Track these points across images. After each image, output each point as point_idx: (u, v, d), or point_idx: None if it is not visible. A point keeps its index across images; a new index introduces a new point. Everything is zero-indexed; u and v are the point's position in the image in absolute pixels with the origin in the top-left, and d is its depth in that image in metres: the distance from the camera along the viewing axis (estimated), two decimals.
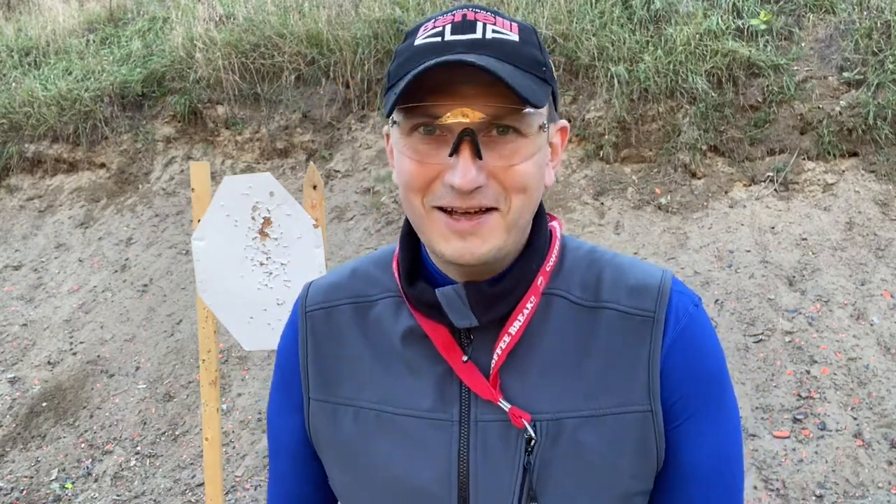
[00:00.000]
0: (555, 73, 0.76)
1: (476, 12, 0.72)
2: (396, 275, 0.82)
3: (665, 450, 0.78)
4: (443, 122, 0.68)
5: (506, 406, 0.75)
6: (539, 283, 0.78)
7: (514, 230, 0.73)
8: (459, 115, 0.68)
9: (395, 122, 0.73)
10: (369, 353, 0.83)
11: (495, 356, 0.77)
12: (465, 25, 0.70)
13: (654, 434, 0.76)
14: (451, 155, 0.69)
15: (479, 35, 0.69)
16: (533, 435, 0.75)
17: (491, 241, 0.72)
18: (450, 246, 0.72)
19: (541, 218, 0.81)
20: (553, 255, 0.80)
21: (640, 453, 0.76)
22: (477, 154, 0.68)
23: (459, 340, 0.78)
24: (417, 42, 0.72)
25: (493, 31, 0.70)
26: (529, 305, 0.77)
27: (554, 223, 0.84)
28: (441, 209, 0.72)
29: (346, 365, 0.84)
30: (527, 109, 0.68)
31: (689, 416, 0.78)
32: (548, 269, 0.79)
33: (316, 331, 0.86)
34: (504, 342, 0.76)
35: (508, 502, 0.76)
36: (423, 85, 0.67)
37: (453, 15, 0.72)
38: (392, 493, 0.80)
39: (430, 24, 0.73)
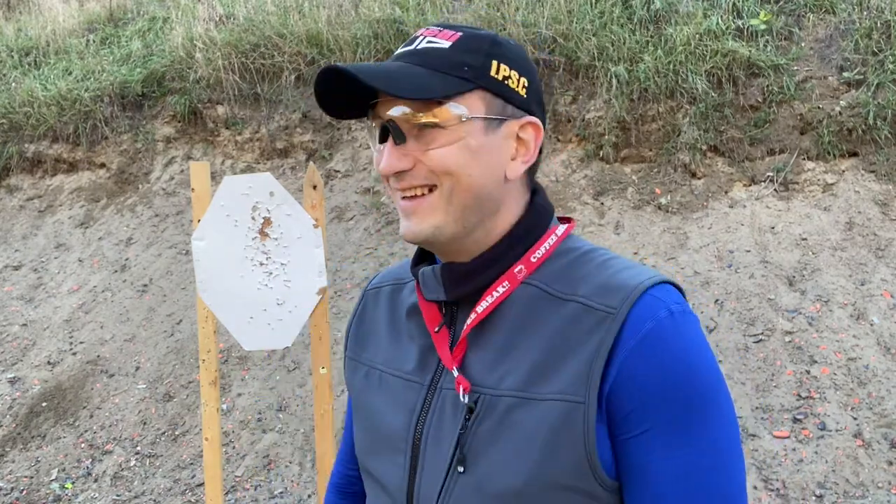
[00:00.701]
0: (510, 73, 0.84)
1: (429, 29, 0.84)
2: None
3: (624, 463, 0.77)
4: (374, 117, 0.84)
5: (455, 374, 0.83)
6: (517, 270, 0.84)
7: (451, 209, 0.81)
8: (383, 111, 0.82)
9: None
10: (387, 323, 0.97)
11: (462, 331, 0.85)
12: (411, 40, 0.84)
13: (583, 427, 0.75)
14: (379, 142, 0.84)
15: (412, 46, 0.83)
16: (467, 403, 0.81)
17: (428, 220, 0.82)
18: (402, 226, 0.84)
19: (533, 210, 0.87)
20: (543, 249, 0.85)
21: (568, 444, 0.75)
22: (395, 140, 0.81)
23: (444, 316, 0.88)
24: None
25: (427, 42, 0.82)
26: (501, 289, 0.83)
27: (562, 224, 0.90)
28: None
29: (373, 334, 0.99)
30: (449, 105, 0.79)
31: (649, 429, 0.75)
32: (533, 259, 0.85)
33: (366, 306, 1.04)
34: (470, 318, 0.84)
35: (444, 462, 0.83)
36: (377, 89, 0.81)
37: (419, 31, 0.86)
38: (375, 441, 0.92)
39: None
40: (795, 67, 4.57)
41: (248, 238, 2.17)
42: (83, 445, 4.09)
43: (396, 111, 0.80)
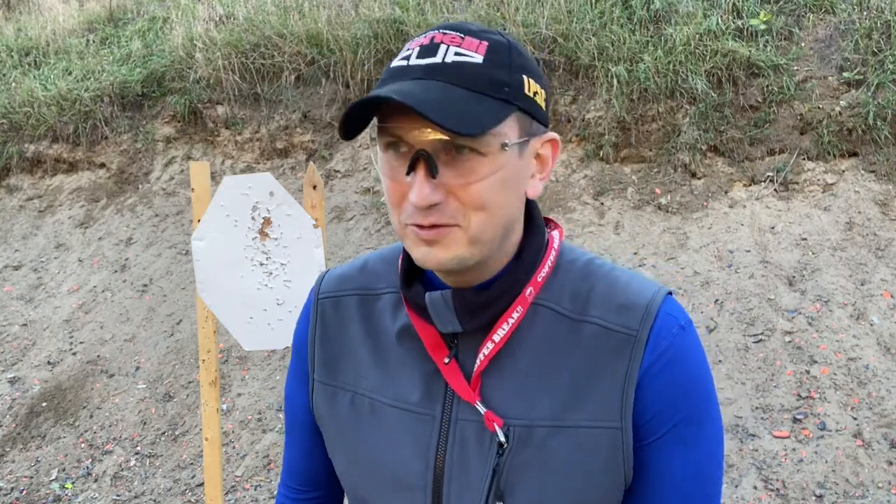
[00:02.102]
0: (537, 87, 0.78)
1: (445, 34, 0.74)
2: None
3: (636, 466, 0.80)
4: (402, 139, 0.73)
5: (482, 409, 0.79)
6: (528, 293, 0.80)
7: (478, 244, 0.75)
8: (414, 136, 0.72)
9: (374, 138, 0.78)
10: (370, 343, 0.89)
11: (478, 360, 0.80)
12: (430, 49, 0.73)
13: (622, 452, 0.78)
14: (407, 174, 0.73)
15: (438, 59, 0.72)
16: (503, 440, 0.78)
17: (453, 251, 0.75)
18: (419, 251, 0.76)
19: (534, 227, 0.83)
20: (546, 266, 0.82)
21: (607, 469, 0.78)
22: (431, 173, 0.72)
23: (447, 341, 0.82)
24: (393, 63, 0.76)
25: (455, 54, 0.72)
26: (515, 315, 0.80)
27: (554, 232, 0.86)
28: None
29: (347, 353, 0.90)
30: (491, 134, 0.71)
31: (664, 434, 0.79)
32: (539, 279, 0.81)
33: (325, 318, 0.93)
34: (487, 348, 0.80)
35: (478, 498, 0.80)
36: (390, 105, 0.72)
37: (425, 37, 0.75)
38: (377, 476, 0.86)
39: (407, 46, 0.77)
40: (795, 67, 4.57)
41: (248, 238, 2.17)
42: (83, 445, 4.09)
43: (431, 139, 0.71)
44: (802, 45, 4.66)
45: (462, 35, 0.74)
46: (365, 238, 4.93)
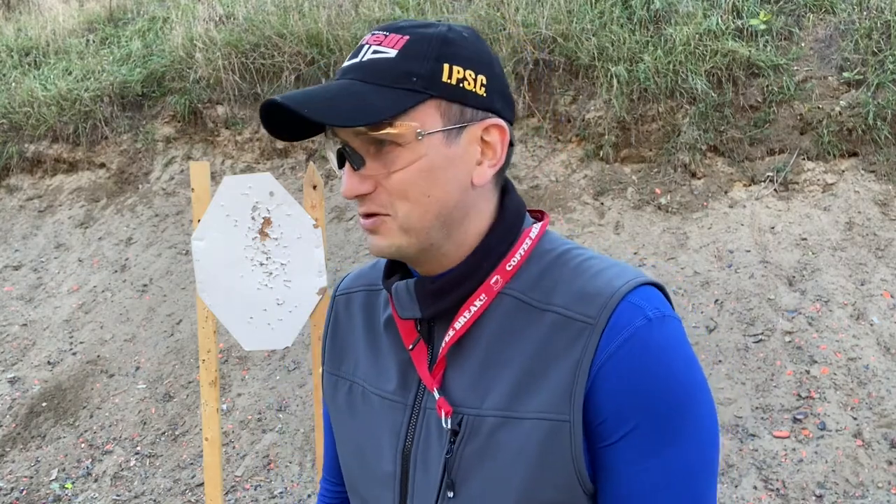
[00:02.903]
0: (466, 74, 0.78)
1: (374, 34, 0.79)
2: None
3: (599, 472, 0.75)
4: (333, 135, 0.80)
5: (436, 395, 0.79)
6: (494, 281, 0.79)
7: (410, 232, 0.77)
8: (341, 134, 0.78)
9: None
10: (367, 335, 0.92)
11: (441, 347, 0.81)
12: (356, 51, 0.79)
13: (570, 448, 0.73)
14: (340, 167, 0.81)
15: (358, 59, 0.77)
16: (448, 427, 0.78)
17: (389, 239, 0.78)
18: (367, 241, 0.81)
19: (504, 216, 0.82)
20: (518, 255, 0.80)
21: (555, 465, 0.73)
22: (353, 166, 0.77)
23: (418, 329, 0.84)
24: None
25: (372, 52, 0.76)
26: (478, 303, 0.79)
27: (535, 225, 0.84)
28: None
29: (351, 344, 0.94)
30: (399, 124, 0.74)
31: (624, 436, 0.73)
32: (508, 267, 0.80)
33: (338, 314, 0.99)
34: (448, 335, 0.80)
35: (434, 488, 0.80)
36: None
37: (363, 39, 0.81)
38: (359, 461, 0.89)
39: None
40: (795, 67, 4.57)
41: (248, 238, 2.17)
42: (83, 445, 4.09)
43: (350, 133, 0.76)
44: (802, 45, 4.66)
45: (387, 33, 0.78)
46: (365, 238, 4.92)
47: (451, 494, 0.78)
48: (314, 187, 2.17)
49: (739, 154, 4.55)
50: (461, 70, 0.76)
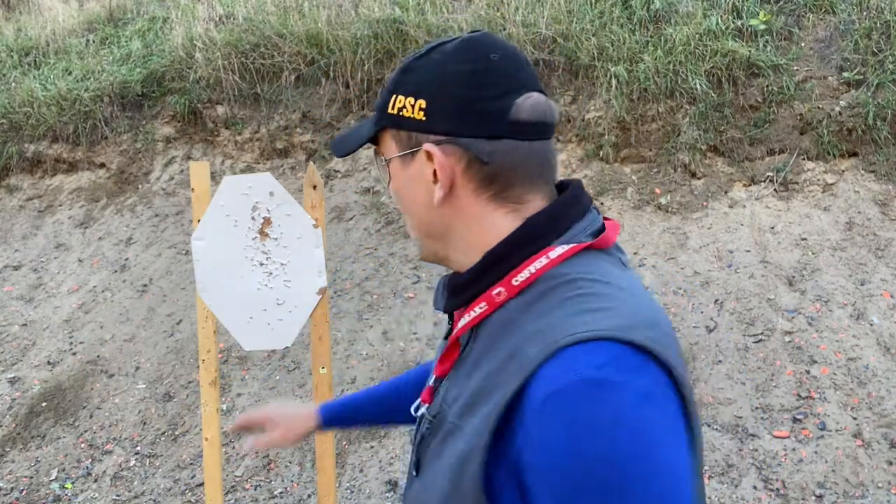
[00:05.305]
0: (406, 101, 0.84)
1: None
2: None
3: None
4: None
5: (430, 383, 0.87)
6: (496, 292, 0.78)
7: (418, 235, 0.88)
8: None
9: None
10: None
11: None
12: None
13: (478, 470, 0.69)
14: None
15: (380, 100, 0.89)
16: (427, 415, 0.83)
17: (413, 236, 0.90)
18: None
19: (518, 232, 0.80)
20: (527, 272, 0.76)
21: (469, 482, 0.70)
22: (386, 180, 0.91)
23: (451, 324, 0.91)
24: None
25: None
26: (478, 309, 0.79)
27: (560, 247, 0.78)
28: None
29: None
30: (379, 150, 0.90)
31: (530, 496, 0.66)
32: (514, 282, 0.77)
33: None
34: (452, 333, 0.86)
35: (413, 463, 0.86)
36: None
37: None
38: None
39: None
40: (795, 67, 4.57)
41: (247, 238, 2.17)
42: (83, 445, 4.08)
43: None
44: (802, 45, 4.66)
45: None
46: (365, 238, 4.93)
47: (415, 473, 0.84)
48: (314, 187, 2.17)
49: (739, 154, 4.55)
50: (402, 98, 0.82)
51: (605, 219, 0.85)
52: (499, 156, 0.79)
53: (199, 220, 2.21)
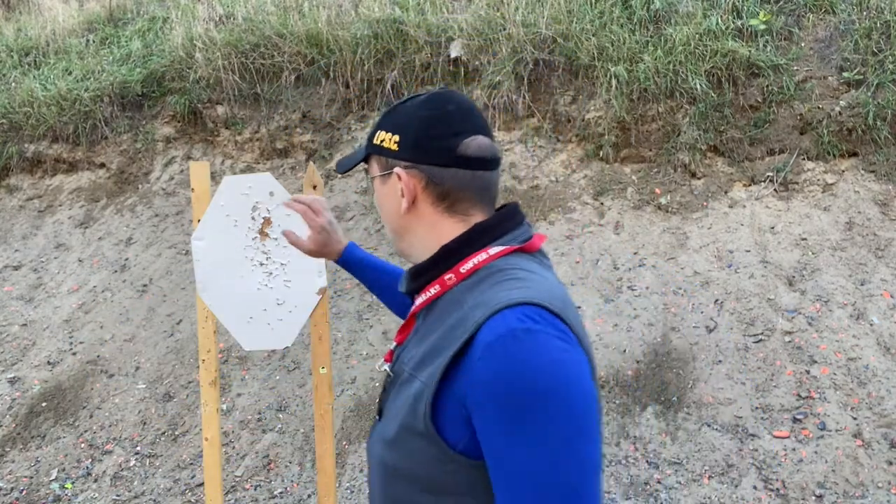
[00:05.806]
0: (385, 136, 1.13)
1: None
2: None
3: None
4: None
5: (391, 346, 1.15)
6: (447, 277, 1.04)
7: (392, 236, 1.16)
8: None
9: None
10: None
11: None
12: None
13: (426, 402, 0.94)
14: None
15: None
16: (388, 370, 1.10)
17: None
18: None
19: (466, 235, 1.05)
20: (471, 263, 1.03)
21: (421, 411, 0.95)
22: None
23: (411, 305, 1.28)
24: None
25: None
26: (433, 290, 1.06)
27: (495, 247, 1.04)
28: None
29: None
30: (369, 170, 1.19)
31: (484, 424, 0.89)
32: (462, 270, 1.03)
33: None
34: (411, 309, 1.14)
35: (378, 411, 1.13)
36: None
37: None
38: None
39: None
40: (795, 67, 4.57)
41: (248, 238, 2.17)
42: (83, 445, 4.08)
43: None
44: (802, 45, 4.66)
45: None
46: (365, 238, 4.93)
47: (377, 418, 1.11)
48: (314, 187, 2.17)
49: (739, 154, 4.55)
50: (383, 133, 1.12)
51: (536, 234, 1.11)
52: (449, 180, 1.06)
53: (199, 220, 2.21)
